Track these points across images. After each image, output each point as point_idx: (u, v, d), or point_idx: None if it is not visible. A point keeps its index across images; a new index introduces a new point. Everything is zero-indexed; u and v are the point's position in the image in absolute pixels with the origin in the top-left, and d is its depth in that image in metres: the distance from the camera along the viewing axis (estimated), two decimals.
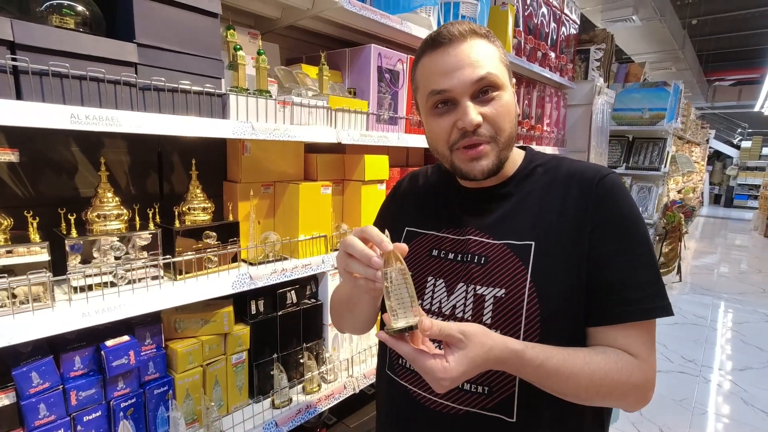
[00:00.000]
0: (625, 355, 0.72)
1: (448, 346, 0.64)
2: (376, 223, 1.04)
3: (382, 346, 0.92)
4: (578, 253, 0.73)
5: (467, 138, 0.76)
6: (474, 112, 0.75)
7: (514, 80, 0.82)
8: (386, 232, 0.66)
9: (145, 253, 1.05)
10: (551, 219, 0.76)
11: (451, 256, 0.82)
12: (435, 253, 0.85)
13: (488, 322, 0.75)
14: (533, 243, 0.76)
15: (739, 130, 17.92)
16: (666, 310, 0.73)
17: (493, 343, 0.65)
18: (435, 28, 1.66)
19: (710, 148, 13.70)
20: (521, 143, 1.26)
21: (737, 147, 17.08)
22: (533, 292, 0.73)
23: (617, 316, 0.72)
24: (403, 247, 0.67)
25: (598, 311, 0.74)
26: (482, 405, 0.75)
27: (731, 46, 11.13)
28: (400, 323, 0.63)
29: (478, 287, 0.77)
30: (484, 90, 0.76)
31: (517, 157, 0.86)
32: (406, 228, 0.92)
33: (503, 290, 0.75)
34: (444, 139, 0.79)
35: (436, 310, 0.81)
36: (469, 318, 0.76)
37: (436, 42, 0.77)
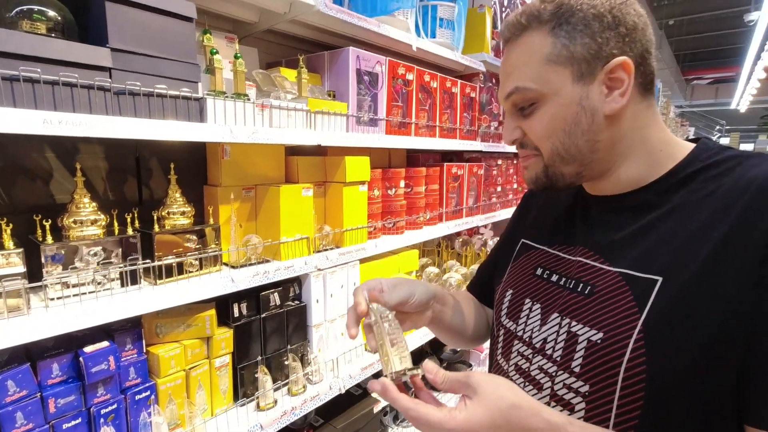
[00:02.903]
0: None
1: (461, 398, 0.53)
2: (499, 240, 0.92)
3: (489, 369, 0.80)
4: (731, 309, 0.50)
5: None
6: (508, 129, 0.67)
7: (619, 59, 0.58)
8: (364, 293, 0.67)
9: (124, 259, 1.04)
10: (698, 250, 0.53)
11: (554, 278, 0.68)
12: (539, 272, 0.71)
13: (576, 370, 0.59)
14: (660, 279, 0.55)
15: (718, 128, 18.38)
16: None
17: (518, 399, 0.51)
18: (412, 30, 1.70)
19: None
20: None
21: None
22: (641, 345, 0.53)
23: None
24: (377, 296, 0.67)
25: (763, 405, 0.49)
26: None
27: (707, 46, 11.44)
28: (397, 366, 0.58)
29: (573, 323, 0.61)
30: (517, 105, 0.65)
31: (676, 152, 0.62)
32: (522, 240, 0.80)
33: (601, 334, 0.57)
34: None
35: (527, 339, 0.68)
36: (558, 359, 0.62)
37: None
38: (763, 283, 0.48)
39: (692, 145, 0.63)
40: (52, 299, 0.92)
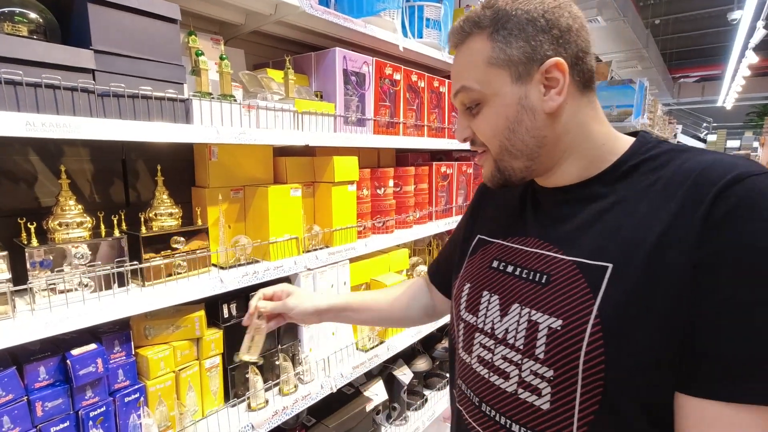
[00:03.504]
0: None
1: None
2: (455, 229, 0.97)
3: (451, 364, 0.84)
4: (675, 290, 0.53)
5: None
6: (460, 128, 0.70)
7: (553, 60, 0.61)
8: (256, 305, 0.92)
9: (111, 261, 1.04)
10: (643, 236, 0.56)
11: (510, 269, 0.70)
12: (495, 264, 0.73)
13: (541, 356, 0.61)
14: (610, 265, 0.57)
15: (705, 125, 18.65)
16: None
17: None
18: (399, 31, 1.71)
19: (678, 142, 14.20)
20: None
21: (704, 141, 17.77)
22: (597, 329, 0.56)
23: (734, 391, 0.50)
24: (261, 307, 0.91)
25: (709, 376, 0.51)
26: None
27: (693, 45, 11.61)
28: (245, 357, 0.90)
29: (533, 312, 0.63)
30: (465, 105, 0.68)
31: (618, 146, 0.66)
32: (478, 236, 0.82)
33: (560, 321, 0.59)
34: None
35: (489, 331, 0.69)
36: (521, 347, 0.64)
37: None
38: (701, 264, 0.51)
39: (632, 139, 0.67)
40: (38, 302, 0.92)
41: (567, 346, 0.58)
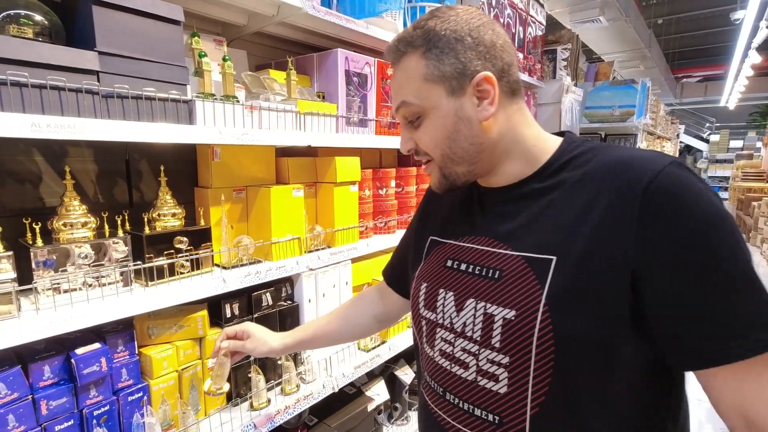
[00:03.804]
0: None
1: None
2: (406, 233, 1.02)
3: (417, 360, 0.89)
4: (615, 276, 0.58)
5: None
6: (403, 141, 0.75)
7: (482, 74, 0.66)
8: (219, 346, 0.98)
9: (115, 261, 1.05)
10: (581, 228, 0.62)
11: (463, 267, 0.74)
12: (449, 263, 0.78)
13: (497, 345, 0.66)
14: (554, 258, 0.63)
15: (708, 125, 18.59)
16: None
17: None
18: (401, 31, 1.71)
19: (681, 142, 14.16)
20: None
21: (706, 141, 17.71)
22: (547, 317, 0.61)
23: (714, 358, 0.56)
24: (227, 346, 0.97)
25: (694, 353, 0.58)
26: None
27: (695, 45, 11.57)
28: (212, 387, 0.96)
29: (488, 305, 0.68)
30: (407, 118, 0.73)
31: (548, 146, 0.72)
32: (431, 238, 0.86)
33: (513, 311, 0.64)
34: None
35: (448, 326, 0.74)
36: (478, 338, 0.69)
37: None
38: (641, 235, 0.58)
39: (560, 139, 0.73)
40: (43, 302, 0.92)
41: (521, 334, 0.64)
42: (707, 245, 0.55)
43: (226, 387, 0.98)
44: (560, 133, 0.75)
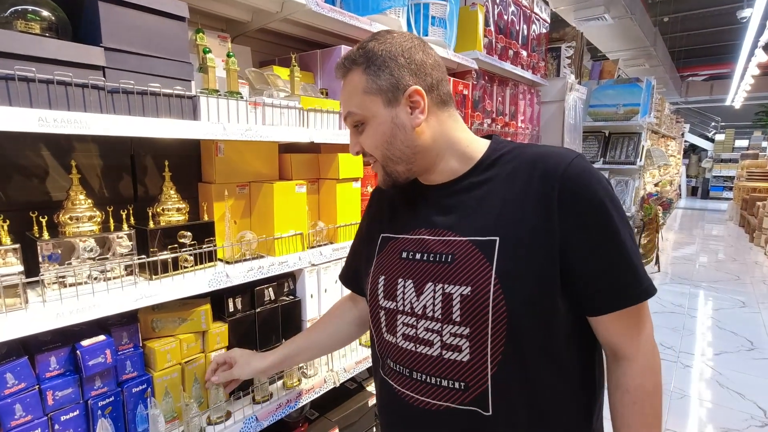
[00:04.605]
0: (626, 393, 0.78)
1: None
2: (356, 238, 1.12)
3: (374, 352, 0.96)
4: (546, 247, 0.73)
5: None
6: (352, 144, 0.87)
7: (412, 88, 0.78)
8: (213, 377, 1.12)
9: (120, 255, 1.06)
10: (515, 212, 0.76)
11: (418, 256, 0.83)
12: (404, 255, 0.86)
13: (458, 319, 0.76)
14: (497, 239, 0.75)
15: (713, 124, 18.46)
16: (647, 293, 0.74)
17: None
18: (404, 28, 1.72)
19: (686, 141, 14.09)
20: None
21: (711, 140, 17.59)
22: (498, 288, 0.73)
23: (599, 308, 0.76)
24: (217, 380, 1.12)
25: (587, 303, 0.77)
26: (460, 400, 0.78)
27: (701, 43, 11.47)
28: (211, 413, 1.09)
29: (446, 286, 0.78)
30: (353, 125, 0.84)
31: (479, 147, 0.85)
32: (382, 235, 0.94)
33: (469, 288, 0.75)
34: None
35: (409, 311, 0.83)
36: (440, 317, 0.78)
37: None
38: (560, 211, 0.73)
39: (488, 141, 0.86)
40: (49, 294, 0.94)
41: (477, 306, 0.74)
42: (606, 215, 0.73)
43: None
44: (488, 136, 0.89)
